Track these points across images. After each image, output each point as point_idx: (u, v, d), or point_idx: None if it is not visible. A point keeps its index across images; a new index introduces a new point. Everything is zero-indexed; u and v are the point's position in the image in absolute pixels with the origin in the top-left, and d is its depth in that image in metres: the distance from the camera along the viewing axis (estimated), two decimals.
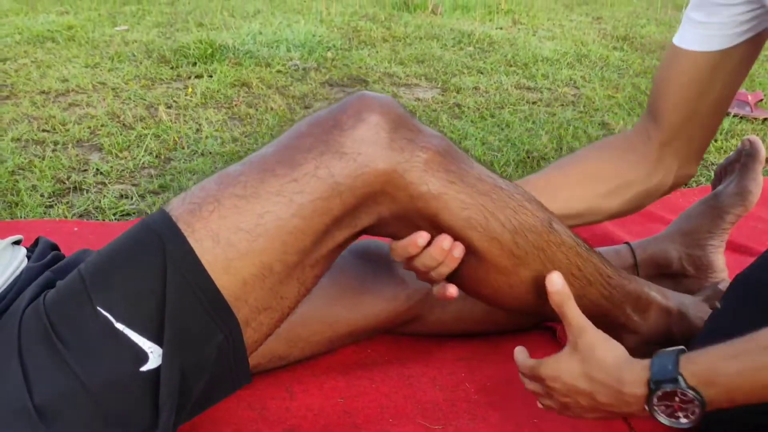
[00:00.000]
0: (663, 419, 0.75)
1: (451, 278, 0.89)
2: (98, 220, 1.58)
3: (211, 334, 0.79)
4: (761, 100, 2.43)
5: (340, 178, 0.77)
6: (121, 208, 1.62)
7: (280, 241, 0.77)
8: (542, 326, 1.18)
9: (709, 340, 0.91)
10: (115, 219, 1.59)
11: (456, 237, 0.83)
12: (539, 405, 0.88)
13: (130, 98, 2.34)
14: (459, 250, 0.83)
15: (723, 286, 1.07)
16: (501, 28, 3.54)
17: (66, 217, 1.58)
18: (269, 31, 3.17)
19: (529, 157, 1.97)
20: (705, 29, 0.96)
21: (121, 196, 1.69)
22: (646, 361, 0.76)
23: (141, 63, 2.71)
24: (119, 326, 0.75)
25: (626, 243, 1.24)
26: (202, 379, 0.80)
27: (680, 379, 0.72)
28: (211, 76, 2.58)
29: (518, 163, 1.93)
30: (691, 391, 0.72)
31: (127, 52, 2.84)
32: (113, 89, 2.42)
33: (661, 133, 1.03)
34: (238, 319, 0.80)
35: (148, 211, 1.61)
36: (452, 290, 0.86)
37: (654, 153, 1.04)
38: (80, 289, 0.77)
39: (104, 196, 1.67)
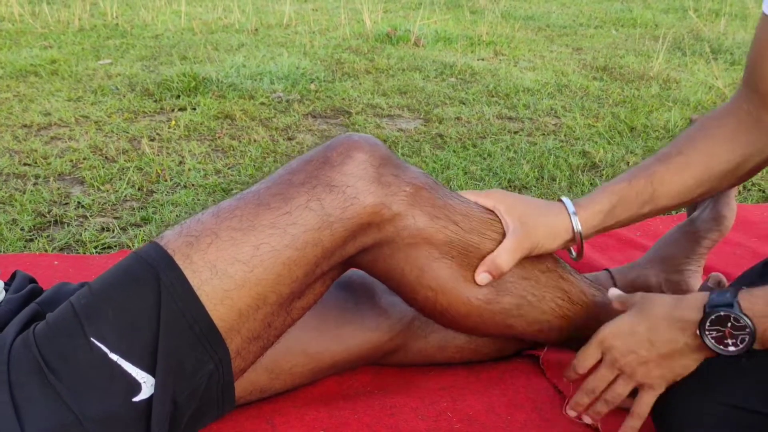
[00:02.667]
0: (711, 344, 0.78)
1: (431, 314, 0.91)
2: (79, 253, 1.57)
3: (203, 364, 0.80)
4: None
5: (330, 210, 0.80)
6: (103, 241, 1.61)
7: (274, 273, 0.80)
8: (524, 354, 1.18)
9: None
10: (96, 252, 1.58)
11: (437, 266, 0.84)
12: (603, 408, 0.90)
13: (112, 131, 2.34)
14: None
15: (712, 282, 1.09)
16: (483, 60, 3.59)
17: (46, 250, 1.57)
18: (253, 63, 3.19)
19: (510, 186, 1.99)
20: None
21: (103, 229, 1.68)
22: (705, 293, 0.80)
23: (124, 96, 2.72)
24: (113, 357, 0.76)
25: (606, 270, 1.25)
26: (191, 407, 0.81)
27: (735, 304, 0.76)
28: (194, 109, 2.59)
29: None
30: (744, 317, 0.75)
31: (110, 86, 2.84)
32: (96, 122, 2.43)
33: (765, 101, 0.96)
34: (231, 348, 0.81)
35: (130, 244, 1.61)
36: None
37: (764, 123, 0.97)
38: (72, 321, 0.77)
39: (85, 229, 1.67)
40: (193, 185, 1.93)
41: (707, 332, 0.78)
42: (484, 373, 1.13)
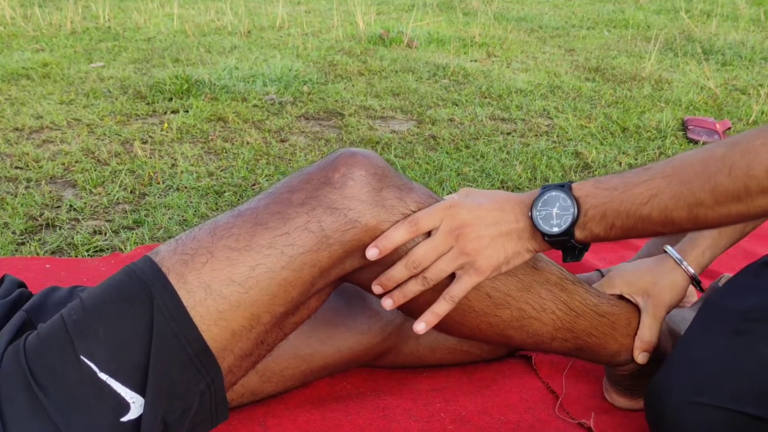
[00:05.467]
0: (538, 223, 0.82)
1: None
2: (71, 256, 1.57)
3: (195, 384, 0.79)
4: (729, 128, 2.48)
5: (329, 232, 0.79)
6: (95, 244, 1.61)
7: (270, 293, 0.79)
8: (517, 355, 1.18)
9: (679, 363, 0.92)
10: (88, 255, 1.57)
11: (433, 285, 0.84)
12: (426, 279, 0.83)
13: (105, 134, 2.34)
14: None
15: (722, 282, 1.09)
16: (475, 61, 3.59)
17: (38, 254, 1.56)
18: (246, 66, 3.19)
19: (503, 187, 1.99)
20: None
21: (95, 232, 1.68)
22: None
23: (116, 99, 2.71)
24: (102, 376, 0.75)
25: (598, 270, 1.25)
26: (183, 426, 0.80)
27: (566, 185, 0.82)
28: (187, 111, 2.59)
29: None
30: (571, 198, 0.80)
31: (102, 89, 2.84)
32: (88, 125, 2.42)
33: None
34: (223, 367, 0.80)
35: (122, 247, 1.60)
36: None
37: None
38: (63, 337, 0.76)
39: (77, 232, 1.66)
40: (185, 188, 1.92)
41: (538, 211, 0.81)
42: (477, 374, 1.13)
